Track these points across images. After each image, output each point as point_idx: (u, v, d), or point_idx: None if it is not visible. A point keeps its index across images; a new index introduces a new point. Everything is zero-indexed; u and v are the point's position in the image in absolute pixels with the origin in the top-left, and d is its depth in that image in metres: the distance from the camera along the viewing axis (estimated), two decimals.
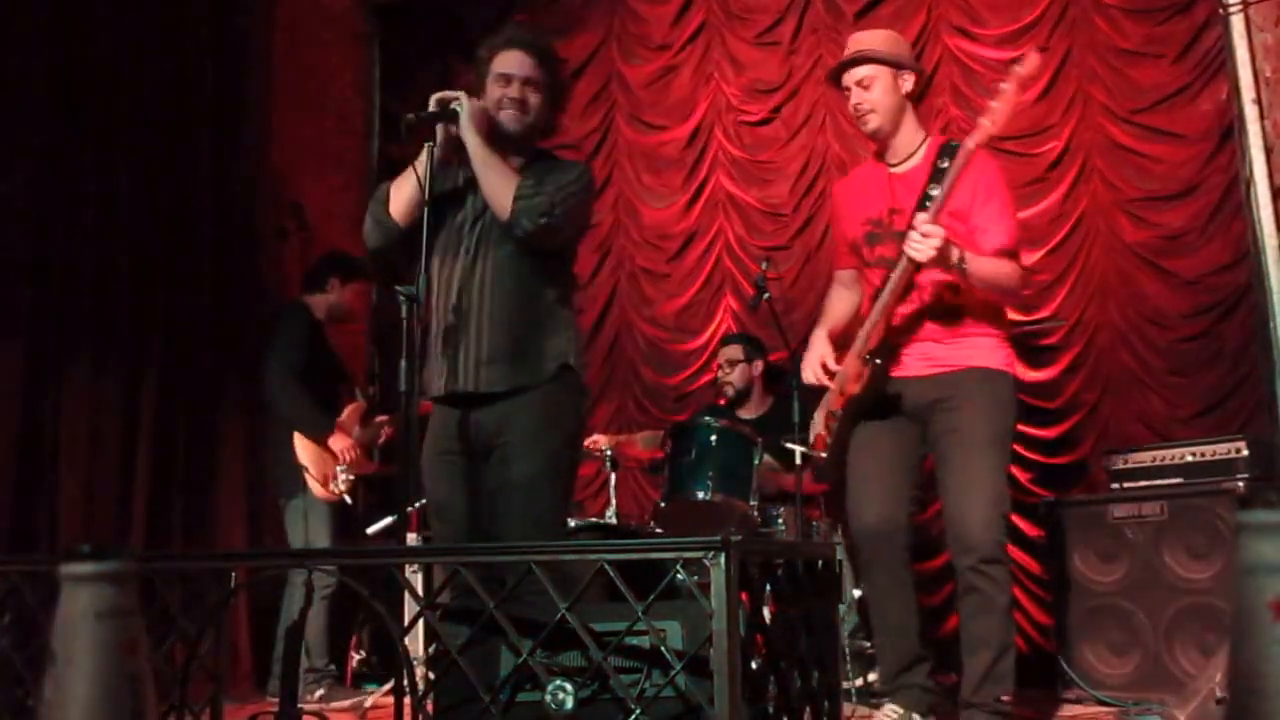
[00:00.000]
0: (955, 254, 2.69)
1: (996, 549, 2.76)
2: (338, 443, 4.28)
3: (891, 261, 2.86)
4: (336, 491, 4.29)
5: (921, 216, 2.70)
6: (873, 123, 2.97)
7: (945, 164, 2.87)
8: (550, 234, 2.55)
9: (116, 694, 1.12)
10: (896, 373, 2.92)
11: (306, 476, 4.23)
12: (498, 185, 2.54)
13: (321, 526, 4.25)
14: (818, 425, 3.11)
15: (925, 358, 2.91)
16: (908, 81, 2.97)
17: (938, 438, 2.88)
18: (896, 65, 2.96)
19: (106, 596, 1.13)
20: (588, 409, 2.81)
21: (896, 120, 2.97)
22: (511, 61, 2.67)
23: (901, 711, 2.88)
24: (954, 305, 2.88)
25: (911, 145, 2.99)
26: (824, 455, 3.07)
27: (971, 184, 2.82)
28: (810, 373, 3.02)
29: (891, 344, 2.90)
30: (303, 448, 4.26)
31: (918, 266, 2.74)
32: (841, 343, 3.04)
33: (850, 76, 2.99)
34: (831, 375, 2.99)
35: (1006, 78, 2.68)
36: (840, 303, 3.20)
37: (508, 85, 2.65)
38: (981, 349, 2.89)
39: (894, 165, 3.01)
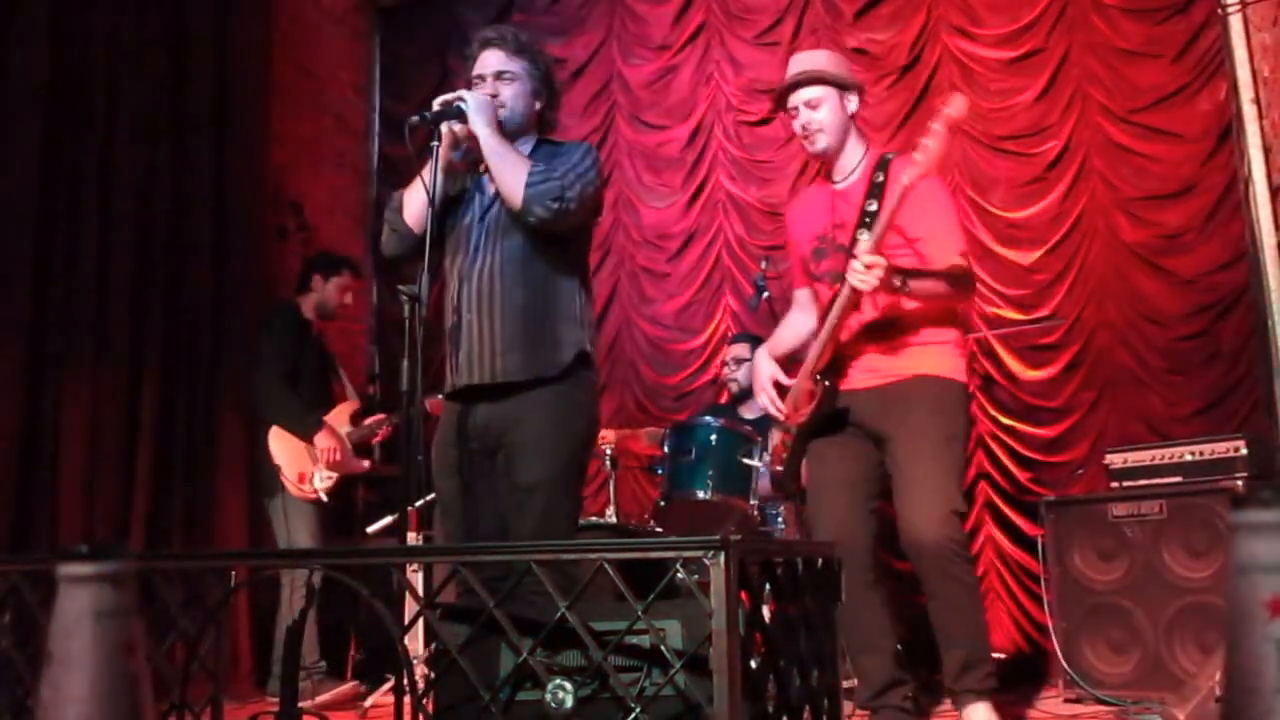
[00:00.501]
0: (898, 280, 2.68)
1: (952, 546, 2.74)
2: (323, 441, 4.26)
3: (837, 274, 2.86)
4: (313, 491, 4.26)
5: (863, 244, 2.68)
6: (820, 143, 2.98)
7: (880, 178, 2.89)
8: (563, 218, 2.55)
9: (115, 695, 1.12)
10: (844, 386, 2.92)
11: (281, 475, 4.24)
12: (509, 172, 2.54)
13: (300, 526, 4.23)
14: (774, 438, 3.12)
15: (870, 370, 2.90)
16: (853, 101, 2.98)
17: (888, 448, 2.87)
18: (843, 86, 2.97)
19: (105, 597, 1.13)
20: (599, 408, 2.80)
21: (842, 139, 2.98)
22: (483, 61, 2.70)
23: None
24: (899, 317, 2.88)
25: (853, 162, 3.00)
26: (779, 469, 3.07)
27: (915, 202, 2.77)
28: (763, 397, 3.02)
29: (840, 361, 2.90)
30: (278, 447, 4.25)
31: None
32: (791, 359, 3.07)
33: (797, 97, 2.98)
34: (783, 394, 2.99)
35: (936, 118, 2.66)
36: (791, 326, 3.21)
37: (482, 84, 2.67)
38: (928, 356, 2.88)
39: (837, 183, 3.02)
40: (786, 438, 3.04)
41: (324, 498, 4.28)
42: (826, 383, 2.89)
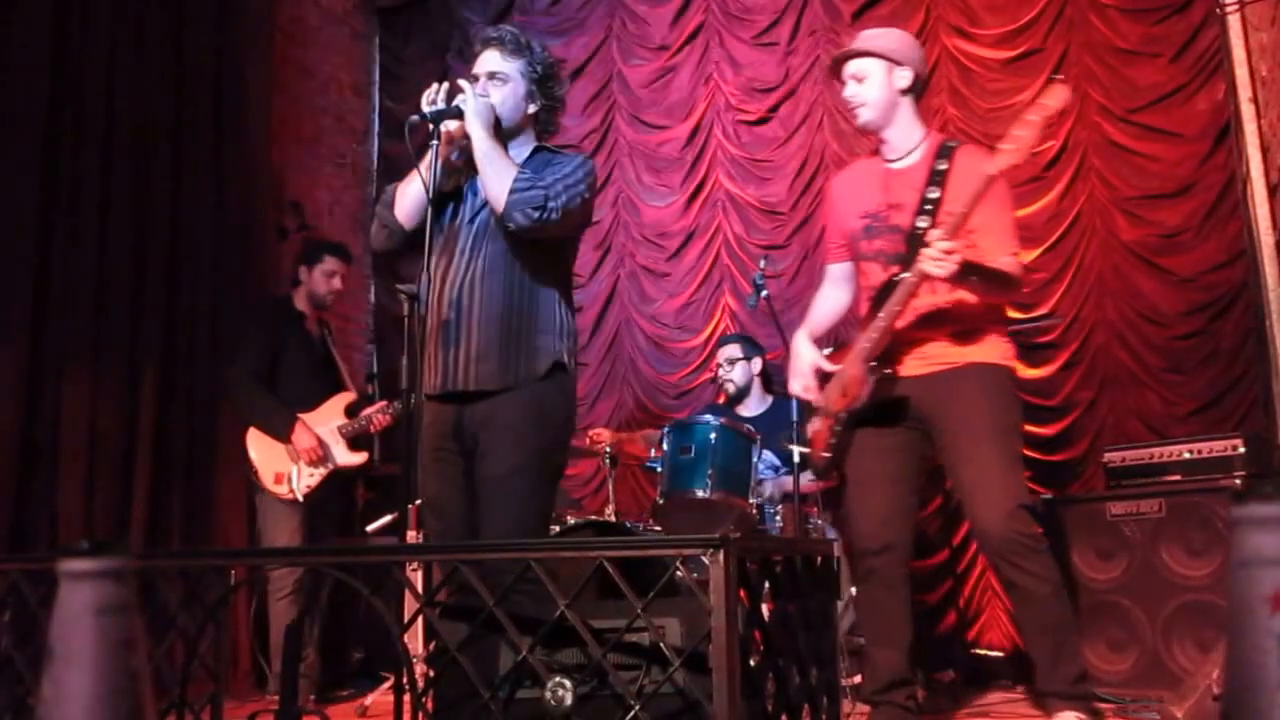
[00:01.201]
0: (969, 269, 2.68)
1: (1022, 540, 2.73)
2: (300, 440, 4.15)
3: (892, 256, 2.86)
4: (288, 492, 4.13)
5: (937, 233, 2.67)
6: (863, 115, 2.98)
7: (943, 165, 2.86)
8: (543, 228, 2.54)
9: (116, 691, 1.12)
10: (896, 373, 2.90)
11: (257, 475, 4.15)
12: (495, 177, 2.55)
13: (275, 526, 4.13)
14: (816, 424, 3.09)
15: (921, 357, 2.89)
16: (903, 77, 2.96)
17: (943, 439, 2.86)
18: (890, 60, 2.95)
19: (105, 593, 1.13)
20: (576, 410, 2.80)
21: (889, 115, 2.97)
22: (480, 61, 2.71)
23: None
24: (955, 305, 2.87)
25: (909, 142, 2.98)
26: (826, 455, 3.03)
27: (968, 190, 2.77)
28: (799, 383, 3.00)
29: (894, 348, 2.87)
30: (255, 445, 4.17)
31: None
32: (831, 343, 3.04)
33: (846, 69, 3.00)
34: (824, 381, 2.97)
35: (1032, 108, 2.61)
36: (825, 303, 3.18)
37: (475, 84, 2.67)
38: (980, 343, 2.87)
39: (891, 161, 3.00)
40: (829, 423, 3.01)
41: (299, 498, 4.12)
42: (886, 370, 2.85)
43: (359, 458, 4.32)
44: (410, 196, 2.66)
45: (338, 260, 4.45)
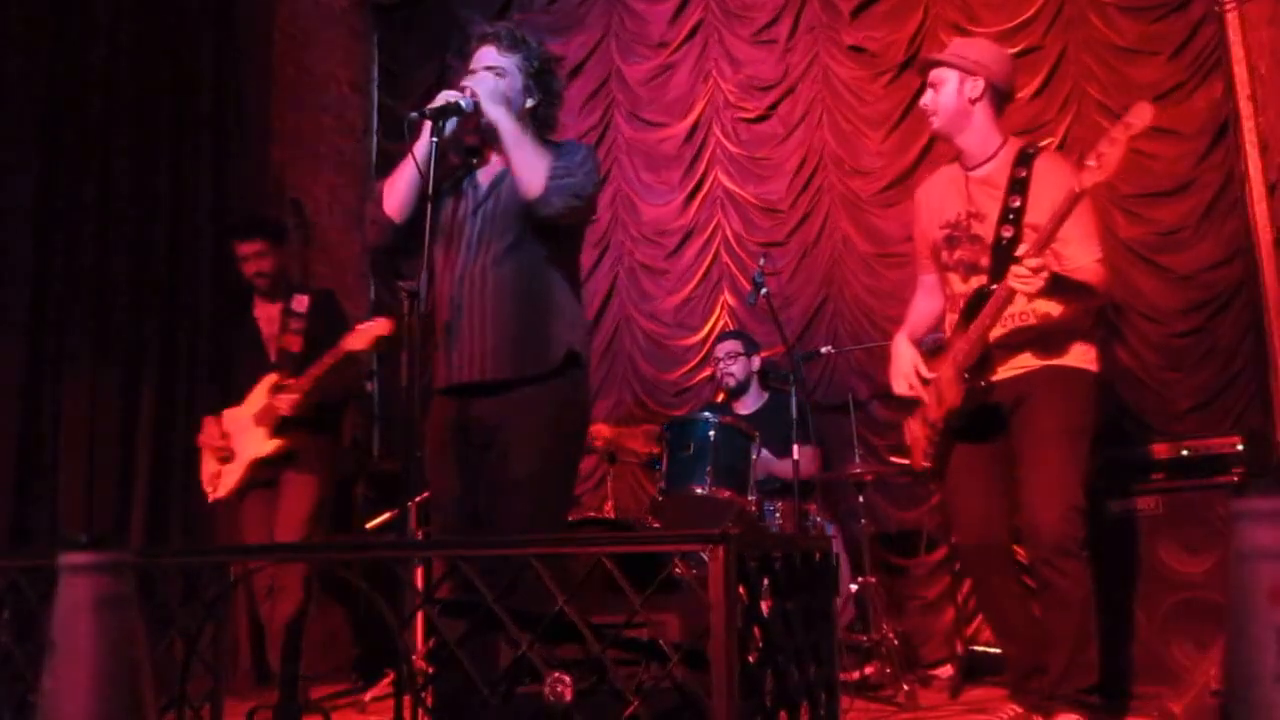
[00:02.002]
0: (1054, 285, 2.71)
1: (1068, 543, 2.77)
2: (205, 438, 3.92)
3: (971, 266, 2.94)
4: (213, 491, 3.90)
5: (1024, 249, 2.73)
6: (934, 123, 3.07)
7: (1023, 174, 2.91)
8: (576, 214, 2.59)
9: (116, 682, 1.12)
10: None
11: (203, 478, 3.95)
12: (530, 161, 2.54)
13: (231, 529, 3.92)
14: (915, 434, 3.15)
15: (1010, 364, 2.95)
16: (975, 87, 3.00)
17: (1014, 435, 2.93)
18: (962, 69, 3.01)
19: (105, 586, 1.14)
20: (591, 409, 2.81)
21: (960, 123, 3.02)
22: (476, 57, 2.71)
23: (1021, 712, 2.97)
24: (1042, 322, 2.90)
25: (987, 149, 3.03)
26: (926, 464, 3.11)
27: (1054, 196, 2.77)
28: (902, 383, 3.07)
29: (987, 359, 2.92)
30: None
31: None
32: (930, 347, 3.10)
33: (928, 77, 3.08)
34: (924, 384, 3.03)
35: (1118, 126, 2.62)
36: (923, 306, 3.23)
37: (472, 78, 2.67)
38: (1065, 352, 2.92)
39: (970, 169, 3.05)
40: (928, 431, 3.07)
41: (220, 497, 3.87)
42: (981, 383, 2.91)
43: (270, 446, 3.83)
44: (399, 190, 2.64)
45: (238, 242, 4.00)
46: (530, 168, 2.53)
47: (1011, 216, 2.88)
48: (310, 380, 3.79)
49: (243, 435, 3.87)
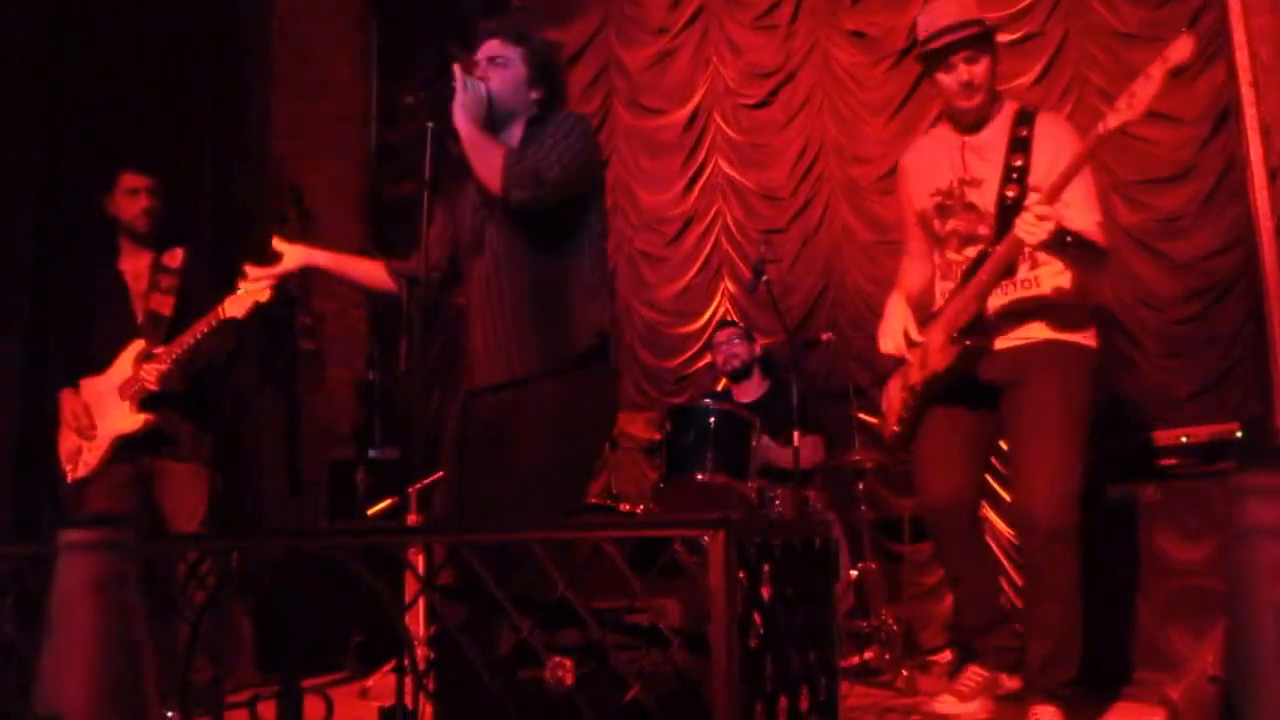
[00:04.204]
0: (1068, 236, 2.58)
1: (1064, 529, 2.67)
2: (65, 412, 3.46)
3: (964, 236, 2.81)
4: (72, 470, 3.46)
5: (1035, 197, 2.58)
6: (980, 98, 2.82)
7: (1025, 132, 2.77)
8: (545, 195, 2.50)
9: (115, 662, 1.12)
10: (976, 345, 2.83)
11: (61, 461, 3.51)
12: (484, 163, 2.51)
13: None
14: (891, 397, 3.05)
15: (1009, 335, 2.83)
16: (995, 50, 2.87)
17: (1011, 411, 2.80)
18: (989, 35, 2.84)
19: (104, 565, 1.13)
20: (616, 404, 2.74)
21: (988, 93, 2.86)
22: (481, 49, 2.69)
23: (988, 673, 2.90)
24: (1055, 295, 2.78)
25: (987, 110, 2.86)
26: (896, 429, 3.01)
27: (1058, 153, 2.69)
28: (890, 342, 2.93)
29: (984, 327, 2.80)
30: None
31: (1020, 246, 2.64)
32: (918, 312, 2.96)
33: (960, 50, 2.79)
34: (911, 346, 2.91)
35: (1155, 63, 2.44)
36: (912, 273, 3.09)
37: (476, 69, 2.65)
38: (1063, 319, 2.80)
39: (967, 132, 2.88)
40: (905, 395, 2.97)
41: (76, 478, 3.44)
42: (968, 342, 2.77)
43: (137, 421, 3.41)
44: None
45: (127, 173, 3.59)
46: (485, 170, 2.51)
47: (1015, 176, 2.73)
48: (181, 349, 3.36)
49: (105, 409, 3.42)
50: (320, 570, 2.13)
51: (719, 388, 4.69)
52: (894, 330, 2.93)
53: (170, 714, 2.10)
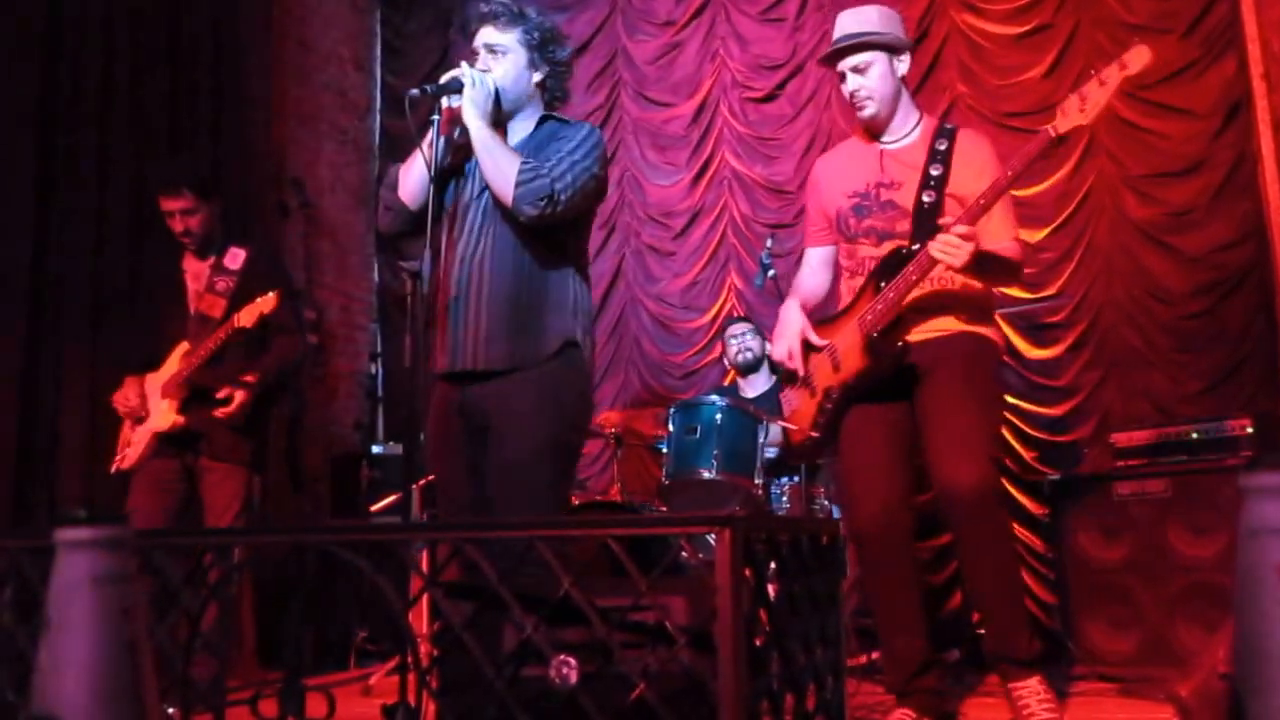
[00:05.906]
0: (980, 259, 2.61)
1: (987, 494, 2.66)
2: (118, 397, 3.60)
3: (881, 233, 2.83)
4: (119, 460, 3.61)
5: (949, 220, 2.62)
6: (869, 109, 2.87)
7: (944, 145, 2.81)
8: (555, 215, 2.49)
9: (114, 661, 1.11)
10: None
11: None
12: (497, 171, 2.50)
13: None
14: (795, 402, 3.00)
15: (919, 328, 2.83)
16: (904, 63, 2.89)
17: (924, 398, 2.80)
18: (894, 49, 2.88)
19: (103, 562, 1.12)
20: (591, 387, 2.76)
21: (894, 105, 2.89)
22: (476, 39, 2.66)
23: (915, 715, 2.80)
24: (963, 290, 2.82)
25: (906, 124, 2.91)
26: (814, 435, 2.94)
27: (979, 171, 2.74)
28: (783, 347, 2.92)
29: (901, 322, 2.80)
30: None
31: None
32: (819, 318, 2.96)
33: (845, 62, 2.87)
34: (812, 351, 2.90)
35: (1108, 69, 2.46)
36: (810, 281, 3.08)
37: (476, 59, 2.63)
38: (974, 315, 2.83)
39: (887, 142, 2.92)
40: (818, 401, 2.92)
41: (122, 468, 3.57)
42: (898, 346, 2.76)
43: (171, 420, 3.53)
44: (413, 176, 2.61)
45: (161, 197, 3.64)
46: (497, 180, 2.49)
47: (933, 183, 2.76)
48: (207, 353, 3.48)
49: (153, 404, 3.58)
50: (323, 566, 2.12)
51: (726, 382, 4.67)
52: (788, 335, 2.92)
53: (171, 711, 2.08)
